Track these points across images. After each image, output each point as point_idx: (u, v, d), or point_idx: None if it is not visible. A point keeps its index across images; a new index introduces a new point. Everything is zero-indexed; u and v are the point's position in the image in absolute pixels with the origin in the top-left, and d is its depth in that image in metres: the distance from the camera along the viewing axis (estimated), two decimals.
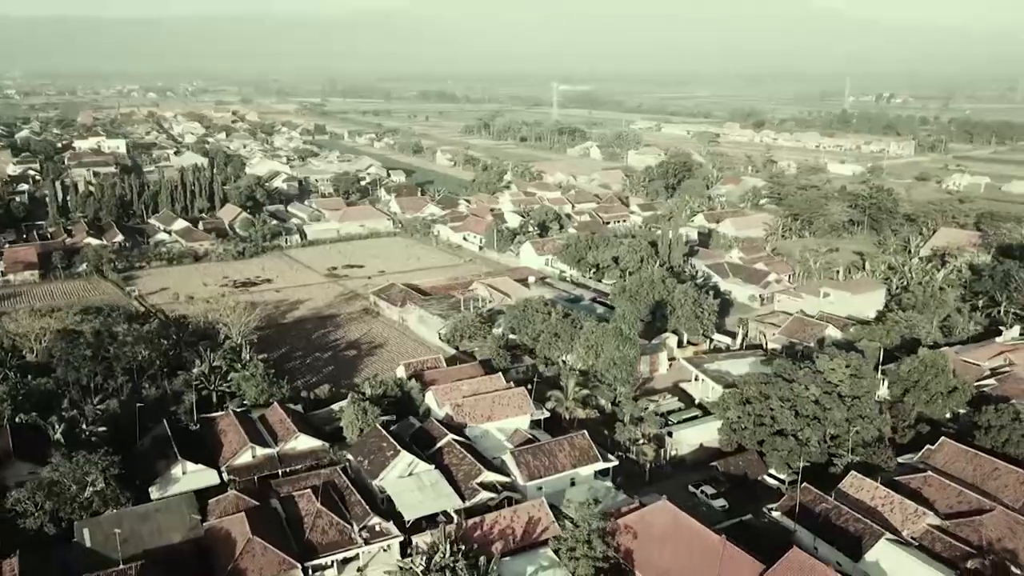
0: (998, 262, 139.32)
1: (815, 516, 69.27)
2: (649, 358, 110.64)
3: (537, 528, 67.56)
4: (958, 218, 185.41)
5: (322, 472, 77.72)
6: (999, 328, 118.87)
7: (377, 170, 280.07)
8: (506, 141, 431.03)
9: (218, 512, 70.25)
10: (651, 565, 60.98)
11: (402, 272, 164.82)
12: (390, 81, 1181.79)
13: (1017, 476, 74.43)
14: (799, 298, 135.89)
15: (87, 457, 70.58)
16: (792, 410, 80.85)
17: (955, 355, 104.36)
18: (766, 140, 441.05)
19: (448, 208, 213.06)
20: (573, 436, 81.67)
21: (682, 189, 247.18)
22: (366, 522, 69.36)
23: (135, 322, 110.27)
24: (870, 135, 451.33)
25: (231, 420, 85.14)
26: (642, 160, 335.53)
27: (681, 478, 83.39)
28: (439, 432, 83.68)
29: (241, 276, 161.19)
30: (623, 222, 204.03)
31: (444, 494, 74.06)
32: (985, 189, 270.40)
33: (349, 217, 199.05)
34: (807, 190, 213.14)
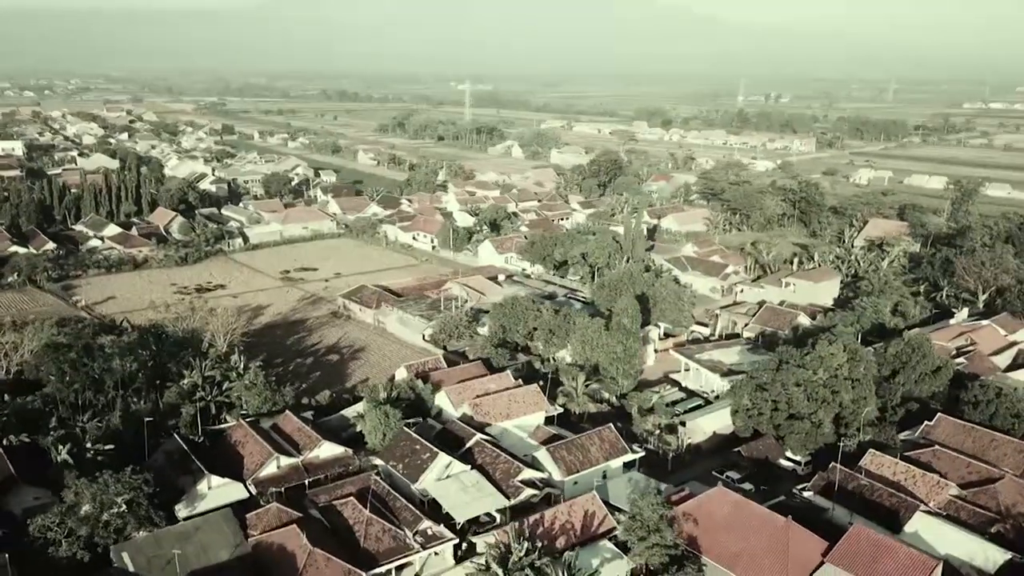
0: (936, 249, 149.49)
1: (848, 493, 72.74)
2: None
3: (593, 522, 68.24)
4: (882, 210, 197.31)
5: (356, 479, 75.87)
6: (951, 311, 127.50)
7: (304, 170, 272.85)
8: (423, 140, 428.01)
9: (261, 527, 67.47)
10: (718, 549, 62.71)
11: (359, 274, 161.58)
12: (280, 80, 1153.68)
13: (1015, 446, 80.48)
14: (761, 288, 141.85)
15: (116, 477, 66.34)
16: (805, 394, 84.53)
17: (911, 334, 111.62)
18: (675, 138, 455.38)
19: (390, 208, 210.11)
20: (601, 430, 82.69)
21: (614, 187, 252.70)
22: (418, 527, 68.24)
23: (110, 334, 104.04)
24: (769, 133, 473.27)
25: (246, 431, 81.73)
26: (565, 159, 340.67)
27: (702, 465, 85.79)
28: (465, 432, 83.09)
29: (191, 282, 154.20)
30: (566, 220, 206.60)
31: (488, 494, 73.64)
32: (888, 182, 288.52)
33: (292, 219, 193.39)
34: (740, 186, 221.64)
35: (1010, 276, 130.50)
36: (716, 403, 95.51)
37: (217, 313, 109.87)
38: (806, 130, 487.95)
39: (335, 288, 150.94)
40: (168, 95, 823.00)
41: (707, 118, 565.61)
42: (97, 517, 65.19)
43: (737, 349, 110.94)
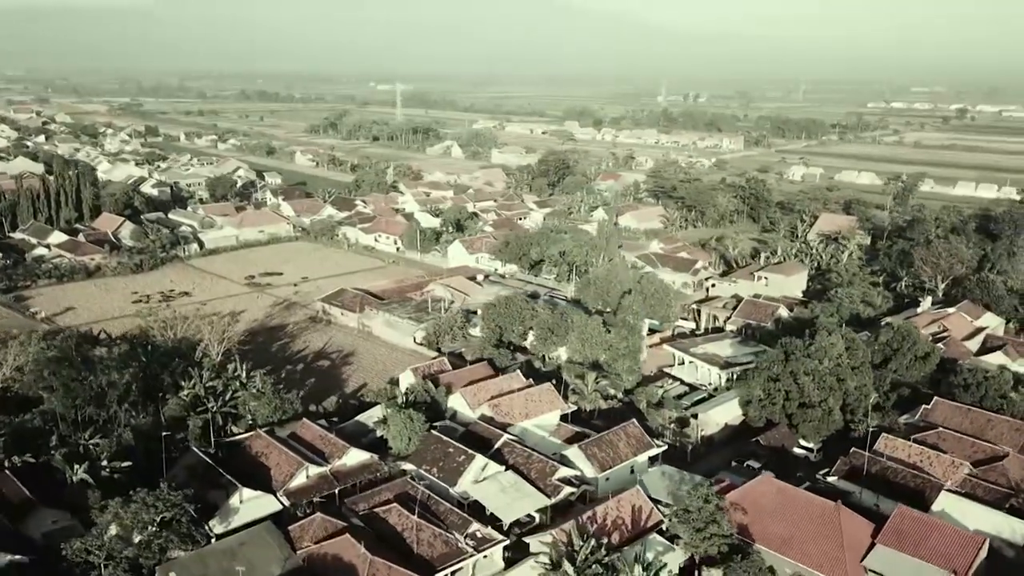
0: (892, 242, 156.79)
1: (871, 476, 75.77)
2: None
3: (641, 516, 69.05)
4: (828, 205, 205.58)
5: (391, 485, 74.59)
6: (914, 300, 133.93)
7: (246, 172, 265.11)
8: (358, 140, 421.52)
9: (307, 538, 65.63)
10: (771, 535, 64.46)
11: (326, 278, 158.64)
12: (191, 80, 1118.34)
13: (1011, 425, 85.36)
14: (733, 282, 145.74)
15: (154, 495, 63.35)
16: (814, 383, 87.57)
17: (899, 322, 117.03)
18: (608, 138, 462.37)
19: (345, 210, 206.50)
20: (626, 425, 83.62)
21: (563, 186, 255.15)
22: (467, 529, 67.64)
23: (93, 346, 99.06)
24: (697, 132, 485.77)
25: (267, 441, 79.24)
26: (507, 159, 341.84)
27: (718, 456, 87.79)
28: (489, 432, 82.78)
29: (151, 290, 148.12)
30: (524, 219, 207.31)
31: (528, 494, 73.58)
32: (820, 179, 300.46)
33: (248, 223, 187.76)
34: (691, 183, 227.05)
35: (964, 266, 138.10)
36: (723, 395, 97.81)
37: (213, 321, 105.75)
38: (731, 129, 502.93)
39: (307, 293, 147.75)
40: (75, 95, 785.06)
41: (635, 118, 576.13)
42: (137, 538, 62.21)
43: (728, 342, 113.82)
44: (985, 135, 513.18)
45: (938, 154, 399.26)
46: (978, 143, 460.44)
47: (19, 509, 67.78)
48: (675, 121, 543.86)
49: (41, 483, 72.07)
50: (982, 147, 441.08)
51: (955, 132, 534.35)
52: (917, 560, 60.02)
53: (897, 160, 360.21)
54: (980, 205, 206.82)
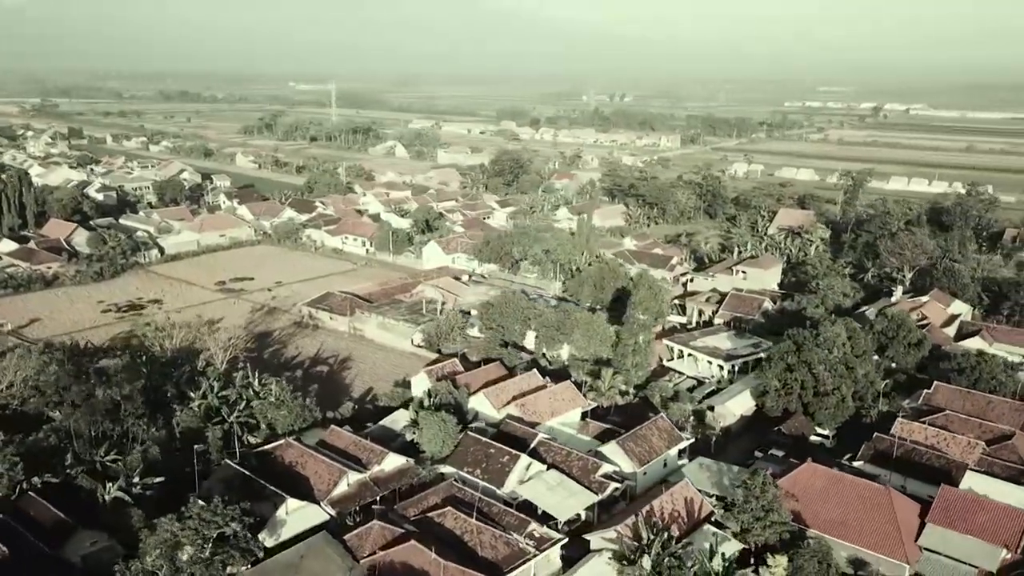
0: (856, 235, 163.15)
1: (898, 460, 78.80)
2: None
3: (694, 507, 70.07)
4: (783, 200, 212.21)
5: (437, 489, 73.56)
6: (884, 290, 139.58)
7: (190, 175, 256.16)
8: (295, 141, 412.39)
9: (368, 547, 64.21)
10: (825, 520, 66.42)
11: (300, 282, 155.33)
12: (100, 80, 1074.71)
13: (1010, 405, 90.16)
14: (712, 277, 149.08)
15: (210, 510, 60.83)
16: (828, 371, 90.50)
17: (876, 311, 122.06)
18: (547, 137, 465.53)
19: (305, 212, 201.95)
20: (656, 420, 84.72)
21: (519, 185, 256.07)
22: (525, 530, 67.38)
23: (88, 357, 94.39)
24: (631, 131, 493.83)
25: (300, 450, 77.03)
26: (454, 158, 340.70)
27: (738, 446, 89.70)
28: (522, 432, 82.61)
29: (118, 299, 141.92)
30: (488, 218, 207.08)
31: (576, 491, 73.80)
32: (761, 175, 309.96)
33: (208, 227, 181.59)
34: (648, 181, 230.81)
35: (928, 257, 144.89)
36: (732, 387, 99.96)
37: (221, 329, 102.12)
38: (664, 128, 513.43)
39: (285, 297, 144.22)
40: None
41: (569, 117, 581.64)
42: (197, 555, 59.69)
43: (724, 335, 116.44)
44: (900, 132, 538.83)
45: (863, 151, 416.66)
46: (897, 140, 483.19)
47: (53, 532, 64.09)
48: (609, 120, 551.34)
49: (70, 503, 68.33)
50: (901, 143, 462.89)
51: (873, 129, 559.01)
52: (969, 536, 62.86)
53: (829, 156, 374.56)
54: (924, 199, 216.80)
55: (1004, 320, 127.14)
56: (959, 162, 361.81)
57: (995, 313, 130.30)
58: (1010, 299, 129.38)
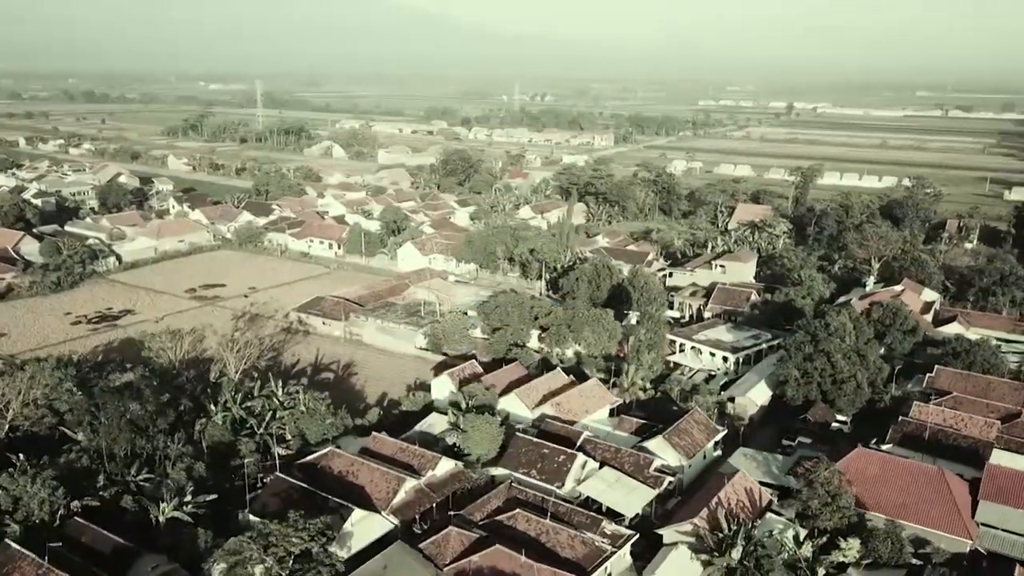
0: (820, 228, 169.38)
1: (927, 442, 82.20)
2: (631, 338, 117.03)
3: (756, 497, 71.49)
4: (736, 196, 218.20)
5: (498, 491, 72.67)
6: (856, 280, 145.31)
7: (128, 179, 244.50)
8: (223, 143, 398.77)
9: (448, 554, 63.00)
10: (884, 503, 68.83)
11: (276, 287, 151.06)
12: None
13: (1009, 386, 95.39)
14: (691, 272, 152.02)
15: (292, 526, 58.42)
16: (845, 359, 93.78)
17: (858, 301, 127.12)
18: (481, 137, 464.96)
19: (262, 215, 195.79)
20: (692, 413, 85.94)
21: (472, 184, 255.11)
22: (600, 528, 67.39)
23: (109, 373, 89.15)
24: (564, 130, 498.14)
25: (349, 459, 74.83)
26: (395, 158, 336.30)
27: (765, 435, 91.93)
28: (567, 431, 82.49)
29: (88, 310, 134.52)
30: (450, 218, 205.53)
31: (634, 487, 74.24)
32: (701, 172, 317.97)
33: (166, 232, 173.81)
34: (604, 179, 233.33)
35: (892, 248, 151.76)
36: (747, 378, 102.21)
37: (234, 340, 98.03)
38: (592, 127, 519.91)
39: (264, 303, 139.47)
40: None
41: (497, 117, 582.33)
42: (276, 573, 57.28)
43: (723, 328, 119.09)
44: (816, 129, 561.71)
45: (787, 147, 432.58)
46: (815, 137, 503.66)
47: (113, 559, 60.32)
48: (539, 120, 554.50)
49: (119, 526, 64.47)
50: (820, 140, 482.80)
51: (790, 127, 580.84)
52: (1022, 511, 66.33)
53: (760, 153, 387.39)
54: (862, 192, 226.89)
55: (970, 306, 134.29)
56: (879, 157, 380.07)
57: (961, 300, 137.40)
58: (974, 285, 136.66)
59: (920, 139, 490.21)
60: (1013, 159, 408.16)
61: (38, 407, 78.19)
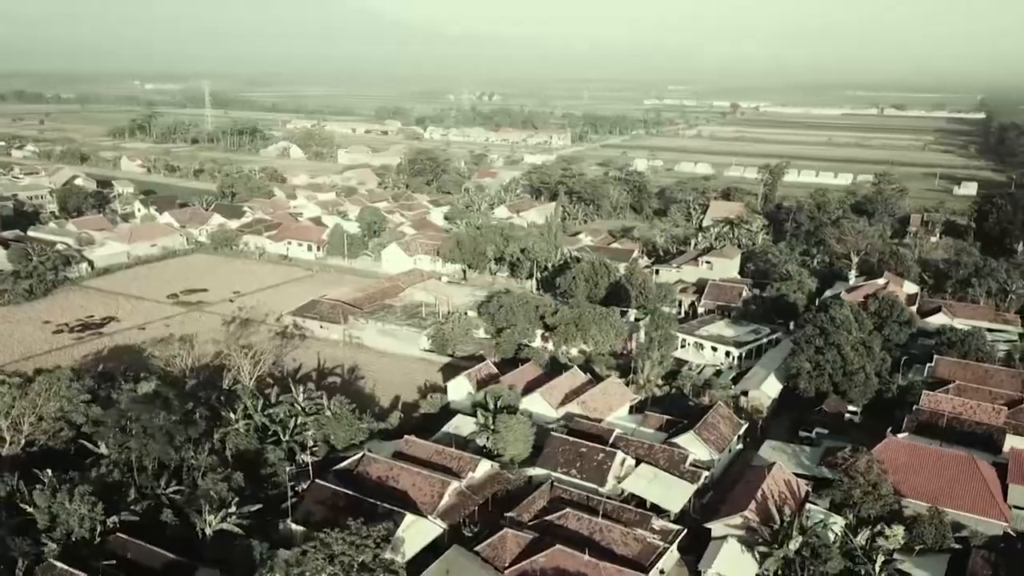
0: (797, 224, 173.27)
1: (942, 430, 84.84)
2: (641, 335, 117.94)
3: (795, 488, 72.70)
4: (707, 193, 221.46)
5: (541, 492, 72.42)
6: (845, 274, 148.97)
7: (84, 182, 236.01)
8: (174, 144, 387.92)
9: (506, 557, 62.60)
10: (920, 490, 70.86)
11: (261, 291, 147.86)
12: None
13: (1006, 372, 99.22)
14: (678, 269, 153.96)
15: (352, 535, 57.18)
16: (854, 351, 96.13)
17: (847, 294, 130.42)
18: (437, 136, 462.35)
19: (233, 218, 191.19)
20: (717, 407, 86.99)
21: (440, 184, 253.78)
22: (650, 524, 67.78)
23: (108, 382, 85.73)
24: (520, 129, 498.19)
25: (387, 463, 73.77)
26: (355, 159, 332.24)
27: (781, 427, 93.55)
28: (598, 429, 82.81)
29: (69, 318, 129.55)
30: (421, 216, 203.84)
31: (673, 482, 74.91)
32: (662, 170, 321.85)
33: (139, 237, 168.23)
34: (575, 178, 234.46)
35: (870, 242, 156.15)
36: (755, 371, 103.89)
37: (249, 345, 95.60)
38: (546, 126, 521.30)
39: (251, 308, 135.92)
40: None
41: (449, 116, 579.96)
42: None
43: (723, 323, 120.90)
44: (763, 128, 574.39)
45: (739, 145, 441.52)
46: (762, 135, 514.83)
47: (165, 575, 58.19)
48: (492, 119, 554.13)
49: (163, 540, 62.26)
50: (767, 139, 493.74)
51: (738, 126, 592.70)
52: None
53: (713, 151, 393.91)
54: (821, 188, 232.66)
55: (948, 297, 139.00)
56: (828, 155, 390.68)
57: (939, 291, 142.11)
58: (951, 277, 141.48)
59: (863, 136, 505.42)
60: (952, 155, 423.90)
61: (54, 420, 74.87)
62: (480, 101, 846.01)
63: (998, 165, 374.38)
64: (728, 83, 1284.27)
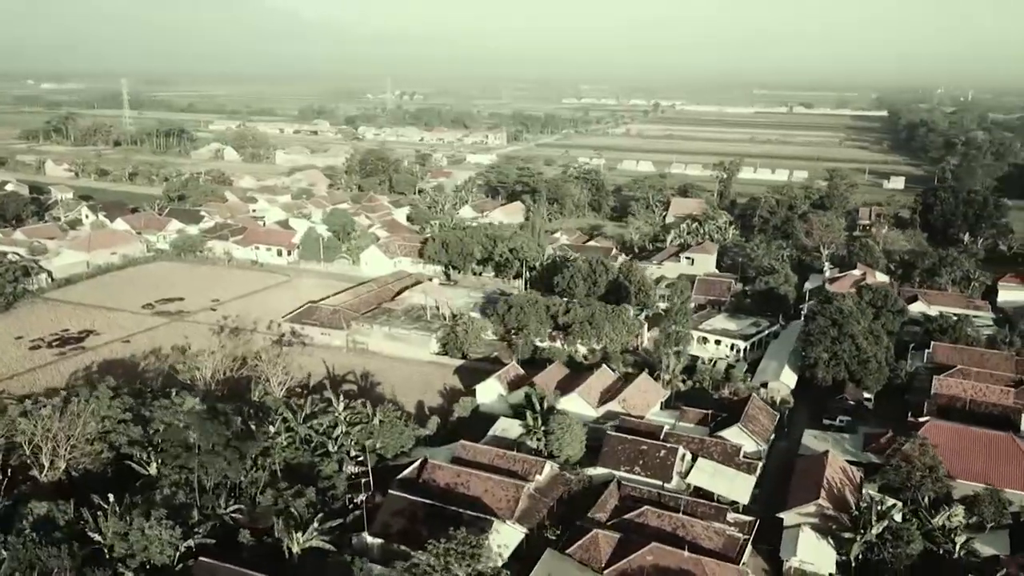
0: (764, 219, 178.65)
1: (966, 414, 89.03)
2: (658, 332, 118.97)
3: (851, 475, 75.15)
4: (664, 191, 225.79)
5: (611, 491, 72.50)
6: (820, 267, 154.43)
7: (14, 187, 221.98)
8: (95, 146, 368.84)
9: (601, 558, 62.50)
10: (968, 470, 74.42)
11: (240, 298, 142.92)
12: None
13: (1000, 355, 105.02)
14: (659, 266, 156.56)
15: (469, 544, 56.13)
16: (865, 340, 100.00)
17: (830, 286, 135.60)
18: (370, 136, 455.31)
19: (191, 223, 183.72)
20: (752, 400, 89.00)
21: (394, 184, 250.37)
22: (726, 517, 68.88)
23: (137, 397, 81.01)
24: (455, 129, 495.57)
25: (454, 469, 72.51)
26: (294, 159, 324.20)
27: (800, 416, 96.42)
28: (646, 426, 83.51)
29: (41, 333, 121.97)
30: (388, 217, 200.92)
31: (733, 475, 76.28)
32: (604, 168, 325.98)
33: (98, 244, 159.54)
34: (533, 177, 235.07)
35: (837, 235, 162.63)
36: (770, 363, 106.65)
37: (278, 358, 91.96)
38: (476, 125, 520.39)
39: (236, 316, 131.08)
40: None
41: (377, 115, 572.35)
42: None
43: (721, 317, 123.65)
44: (685, 125, 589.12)
45: (670, 143, 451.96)
46: (688, 132, 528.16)
47: None
48: (420, 118, 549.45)
49: (244, 561, 59.46)
50: (693, 136, 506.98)
51: (661, 124, 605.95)
52: None
53: (649, 149, 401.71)
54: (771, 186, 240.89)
55: (917, 286, 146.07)
56: (759, 152, 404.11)
57: (906, 281, 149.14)
58: (917, 267, 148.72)
59: (785, 134, 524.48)
60: (868, 151, 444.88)
61: (94, 441, 70.43)
62: (401, 100, 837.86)
63: (912, 160, 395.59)
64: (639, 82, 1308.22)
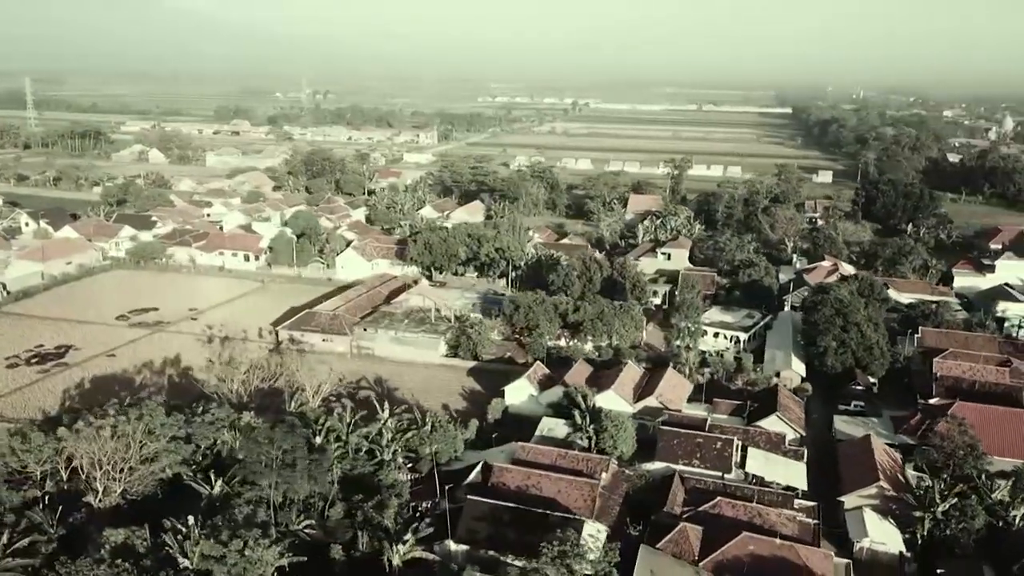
0: (728, 212, 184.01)
1: (972, 394, 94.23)
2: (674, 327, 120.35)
3: (894, 457, 78.72)
4: (617, 188, 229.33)
5: (677, 486, 73.52)
6: (790, 258, 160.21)
7: None
8: (4, 149, 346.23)
9: (693, 551, 63.46)
10: (999, 446, 79.05)
11: (218, 306, 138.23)
12: None
13: (984, 338, 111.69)
14: (637, 261, 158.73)
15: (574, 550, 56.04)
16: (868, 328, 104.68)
17: (809, 276, 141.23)
18: (296, 136, 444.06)
19: (143, 229, 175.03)
20: (781, 389, 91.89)
21: (344, 185, 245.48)
22: (790, 506, 70.96)
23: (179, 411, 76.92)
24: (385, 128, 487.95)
25: (520, 471, 72.09)
26: (225, 161, 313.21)
27: (813, 402, 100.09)
28: (690, 419, 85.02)
29: (15, 350, 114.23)
30: (347, 219, 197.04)
31: (785, 462, 78.56)
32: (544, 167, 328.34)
33: (53, 254, 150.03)
34: (488, 176, 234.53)
35: (799, 228, 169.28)
36: (776, 353, 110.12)
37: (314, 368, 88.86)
38: (401, 124, 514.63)
39: (221, 326, 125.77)
40: None
41: (293, 114, 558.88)
42: None
43: (716, 310, 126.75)
44: (606, 123, 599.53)
45: (597, 140, 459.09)
46: (611, 130, 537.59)
47: None
48: (342, 117, 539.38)
49: None
50: (618, 134, 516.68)
51: (582, 122, 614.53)
52: None
53: (581, 147, 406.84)
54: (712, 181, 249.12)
55: (880, 275, 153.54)
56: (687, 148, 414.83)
57: (869, 270, 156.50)
58: (879, 257, 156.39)
59: (706, 131, 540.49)
60: (783, 147, 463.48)
61: (148, 462, 66.65)
62: (315, 100, 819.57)
63: (826, 155, 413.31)
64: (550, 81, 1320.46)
